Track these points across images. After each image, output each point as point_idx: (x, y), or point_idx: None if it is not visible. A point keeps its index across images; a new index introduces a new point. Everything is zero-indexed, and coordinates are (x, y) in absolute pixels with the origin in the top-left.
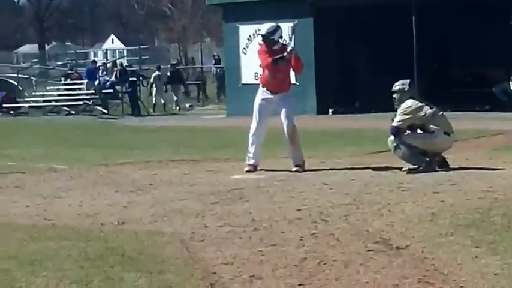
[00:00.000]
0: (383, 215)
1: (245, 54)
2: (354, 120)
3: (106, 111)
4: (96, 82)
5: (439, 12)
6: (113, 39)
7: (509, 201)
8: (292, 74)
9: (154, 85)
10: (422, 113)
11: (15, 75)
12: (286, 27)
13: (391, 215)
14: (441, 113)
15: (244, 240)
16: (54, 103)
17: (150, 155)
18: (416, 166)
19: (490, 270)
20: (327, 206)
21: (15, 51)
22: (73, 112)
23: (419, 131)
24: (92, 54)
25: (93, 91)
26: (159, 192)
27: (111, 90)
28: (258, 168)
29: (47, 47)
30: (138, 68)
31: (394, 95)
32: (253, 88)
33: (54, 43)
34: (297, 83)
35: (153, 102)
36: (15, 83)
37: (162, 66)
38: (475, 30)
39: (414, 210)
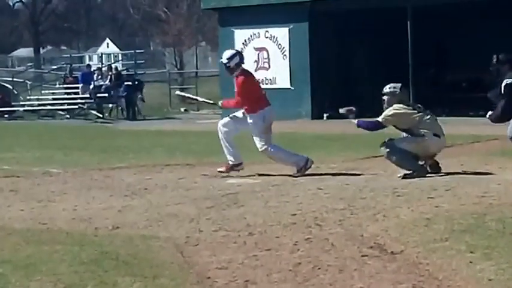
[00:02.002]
0: (378, 220)
1: None
2: (349, 125)
3: (101, 115)
4: (91, 86)
5: (435, 17)
6: (108, 43)
7: (504, 206)
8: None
9: None
10: (409, 118)
11: (10, 78)
12: (280, 32)
13: (386, 220)
14: (429, 116)
15: (239, 244)
16: (49, 107)
17: (145, 159)
18: (410, 172)
19: (485, 275)
20: (321, 211)
21: (10, 54)
22: (68, 116)
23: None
24: (87, 58)
25: (88, 95)
26: (153, 197)
27: (106, 94)
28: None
29: (42, 50)
30: (133, 72)
31: (384, 97)
32: None
33: (49, 47)
34: (292, 88)
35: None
36: (10, 87)
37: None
38: (472, 34)
39: (409, 215)
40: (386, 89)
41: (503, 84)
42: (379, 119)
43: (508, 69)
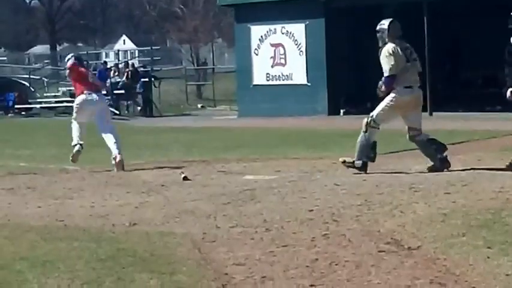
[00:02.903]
0: (394, 215)
1: (257, 55)
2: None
3: (118, 112)
4: (108, 83)
5: (451, 13)
6: (124, 40)
7: None
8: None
9: None
10: (401, 61)
11: (27, 76)
12: (297, 28)
13: (403, 215)
14: (410, 64)
15: (256, 241)
16: (66, 104)
17: (162, 156)
18: (354, 161)
19: (502, 271)
20: (338, 207)
21: (27, 52)
22: None
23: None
24: (103, 55)
25: (104, 92)
26: (170, 193)
27: (122, 91)
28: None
29: (58, 47)
30: (150, 68)
31: (378, 35)
32: (264, 89)
33: (65, 44)
34: (309, 84)
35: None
36: (27, 84)
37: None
38: (487, 30)
39: (426, 210)
40: (379, 26)
41: None
42: (388, 73)
43: None
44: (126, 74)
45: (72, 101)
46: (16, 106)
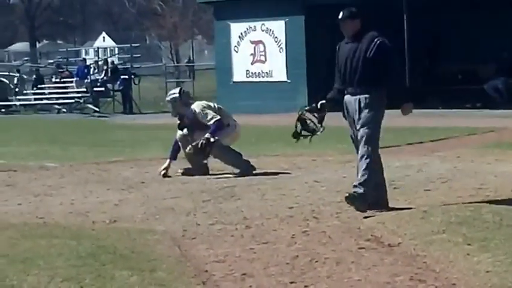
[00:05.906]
0: (374, 212)
1: (236, 52)
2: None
3: (97, 109)
4: (87, 80)
5: (430, 8)
6: (104, 37)
7: (501, 198)
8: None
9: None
10: (213, 109)
11: (7, 73)
12: (277, 25)
13: (383, 212)
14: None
15: (236, 238)
16: (45, 101)
17: (142, 153)
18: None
19: (482, 267)
20: (318, 204)
21: (6, 49)
22: (64, 110)
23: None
24: (83, 52)
25: (84, 89)
26: (150, 190)
27: (102, 89)
28: None
29: (38, 45)
30: (129, 66)
31: (169, 105)
32: (244, 86)
33: (45, 41)
34: (289, 81)
35: None
36: (7, 81)
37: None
38: (467, 26)
39: (406, 207)
40: (168, 97)
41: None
42: (215, 119)
43: None
44: (105, 71)
45: (51, 98)
46: None
